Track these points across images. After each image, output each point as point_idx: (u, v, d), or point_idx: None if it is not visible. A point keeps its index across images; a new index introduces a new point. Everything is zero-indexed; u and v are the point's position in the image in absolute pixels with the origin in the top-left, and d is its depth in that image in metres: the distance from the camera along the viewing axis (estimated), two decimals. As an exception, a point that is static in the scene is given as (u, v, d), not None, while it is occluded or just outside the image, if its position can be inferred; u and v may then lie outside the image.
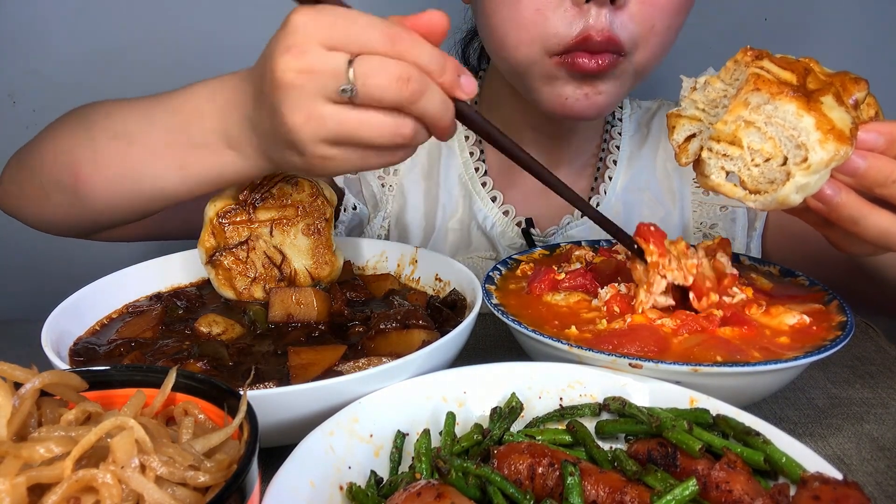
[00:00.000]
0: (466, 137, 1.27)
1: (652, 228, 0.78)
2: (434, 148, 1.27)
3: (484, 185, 1.24)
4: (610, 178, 1.25)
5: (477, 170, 1.25)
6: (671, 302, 0.77)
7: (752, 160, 0.66)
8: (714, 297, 0.77)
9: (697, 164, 0.72)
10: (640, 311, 0.77)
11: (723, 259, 0.81)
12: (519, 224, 1.23)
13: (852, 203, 0.65)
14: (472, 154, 1.26)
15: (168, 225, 1.12)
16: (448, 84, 0.65)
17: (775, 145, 0.65)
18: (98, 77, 1.69)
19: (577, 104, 0.99)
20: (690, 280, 0.76)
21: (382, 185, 1.26)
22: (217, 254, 0.88)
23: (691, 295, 0.77)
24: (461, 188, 1.25)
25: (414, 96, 0.63)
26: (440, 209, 1.25)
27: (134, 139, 0.81)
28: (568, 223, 1.22)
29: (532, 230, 1.21)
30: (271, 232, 0.90)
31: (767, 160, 0.65)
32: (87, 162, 0.84)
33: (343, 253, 0.95)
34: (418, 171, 1.26)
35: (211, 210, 0.89)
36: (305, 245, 0.91)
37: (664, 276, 0.76)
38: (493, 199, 1.24)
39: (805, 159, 0.63)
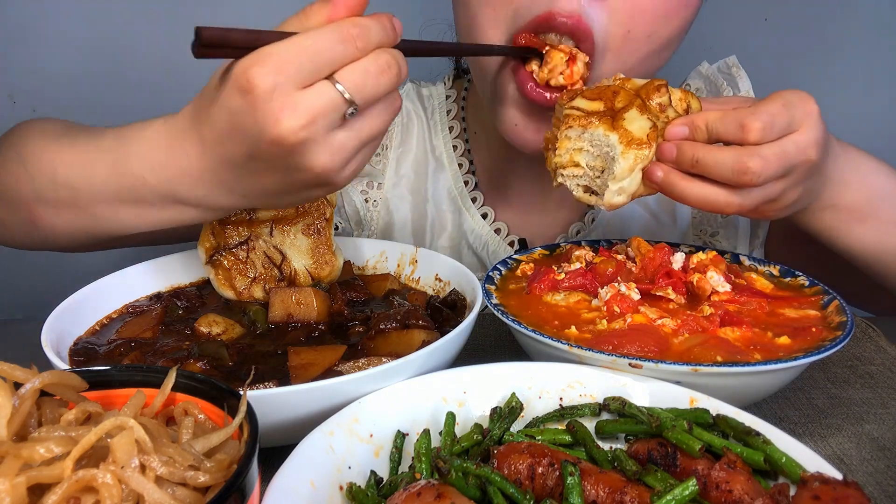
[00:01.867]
0: (455, 147, 1.21)
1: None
2: (422, 161, 1.22)
3: (474, 200, 1.20)
4: None
5: (466, 183, 1.20)
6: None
7: (593, 174, 0.82)
8: None
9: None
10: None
11: (714, 277, 0.81)
12: (511, 244, 1.19)
13: (674, 181, 0.79)
14: (460, 166, 1.21)
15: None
16: (397, 37, 0.67)
17: (603, 160, 0.80)
18: (98, 77, 1.69)
19: (525, 134, 0.94)
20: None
21: (366, 201, 1.20)
22: (217, 254, 0.88)
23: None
24: (450, 203, 1.20)
25: (399, 76, 0.65)
26: (429, 226, 1.20)
27: (79, 193, 0.77)
28: (563, 242, 1.19)
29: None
30: (271, 232, 0.90)
31: (603, 171, 0.81)
32: (33, 200, 0.81)
33: (343, 253, 0.95)
34: (404, 185, 1.21)
35: None
36: (305, 245, 0.91)
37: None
38: (484, 216, 1.19)
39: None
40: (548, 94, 0.89)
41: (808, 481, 0.52)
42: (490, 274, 0.89)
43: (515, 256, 0.96)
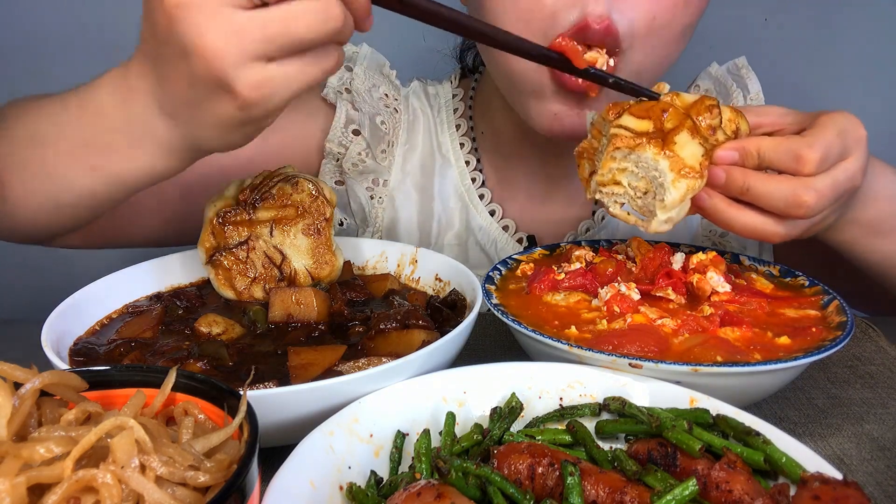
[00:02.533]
0: (462, 145, 1.21)
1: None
2: (428, 158, 1.21)
3: (482, 197, 1.19)
4: None
5: (474, 181, 1.19)
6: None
7: (635, 194, 0.80)
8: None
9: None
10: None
11: (714, 277, 0.81)
12: (520, 241, 1.18)
13: (721, 208, 0.78)
14: (468, 163, 1.19)
15: (129, 230, 1.09)
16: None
17: (647, 182, 0.78)
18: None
19: (568, 120, 0.93)
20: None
21: (371, 198, 1.19)
22: (217, 254, 0.88)
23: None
24: (458, 200, 1.19)
25: (331, 23, 0.59)
26: (435, 223, 1.19)
27: (46, 141, 0.77)
28: (572, 239, 1.16)
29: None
30: (271, 232, 0.89)
31: (645, 193, 0.79)
32: (6, 165, 0.81)
33: (343, 253, 0.95)
34: (410, 182, 1.20)
35: (210, 210, 0.89)
36: (305, 245, 0.91)
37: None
38: (492, 213, 1.18)
39: (664, 198, 0.77)
40: (580, 80, 0.88)
41: (808, 481, 0.52)
42: (490, 274, 0.89)
43: (515, 256, 0.96)
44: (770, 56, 1.68)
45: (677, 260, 0.87)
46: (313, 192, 0.91)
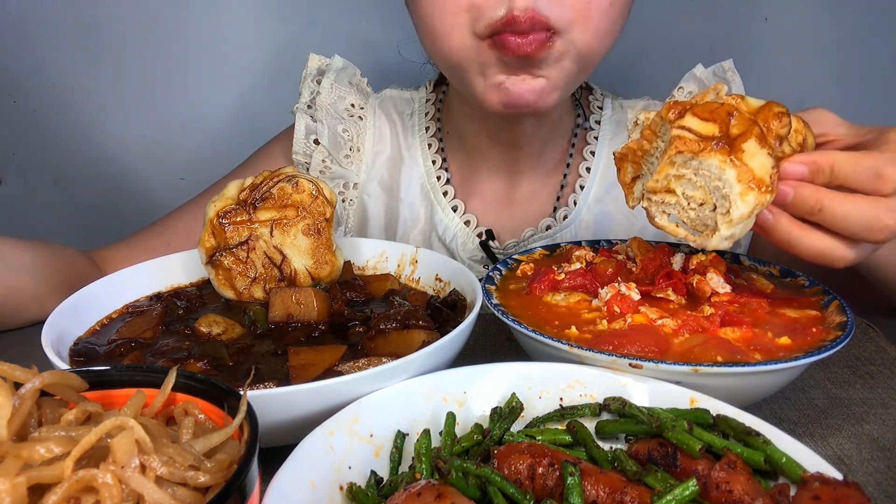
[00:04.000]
0: (429, 145, 1.26)
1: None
2: (396, 160, 1.26)
3: (445, 194, 1.23)
4: (581, 188, 1.21)
5: (439, 178, 1.24)
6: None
7: (689, 204, 0.72)
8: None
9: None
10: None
11: (714, 278, 0.81)
12: (480, 236, 1.21)
13: (786, 228, 0.71)
14: (434, 163, 1.25)
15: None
16: None
17: (706, 192, 0.71)
18: (98, 76, 1.69)
19: (515, 88, 0.95)
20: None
21: (343, 201, 1.26)
22: (217, 254, 0.88)
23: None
24: (423, 198, 1.24)
25: None
26: (401, 222, 1.24)
27: None
28: (531, 236, 1.20)
29: (492, 242, 1.20)
30: (271, 232, 0.89)
31: (701, 205, 0.72)
32: None
33: (343, 253, 0.95)
34: (377, 183, 1.26)
35: (211, 210, 0.89)
36: (305, 245, 0.91)
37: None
38: (455, 209, 1.23)
39: (728, 211, 0.69)
40: (520, 39, 0.90)
41: (809, 481, 0.52)
42: (490, 274, 0.89)
43: (516, 256, 0.96)
44: (770, 56, 1.68)
45: (677, 260, 0.87)
46: (313, 192, 0.91)
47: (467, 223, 1.22)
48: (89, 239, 1.31)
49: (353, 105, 1.27)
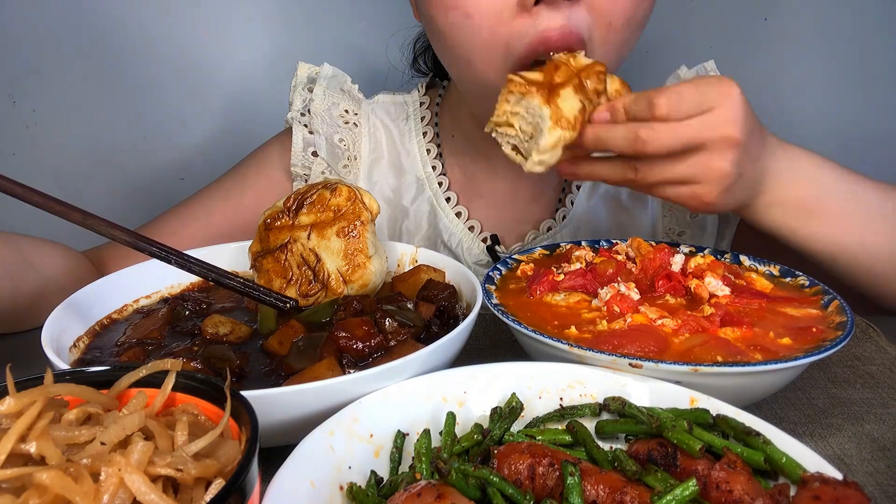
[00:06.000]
0: (428, 151, 1.25)
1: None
2: (395, 165, 1.26)
3: (448, 200, 1.23)
4: (578, 188, 1.25)
5: (440, 184, 1.24)
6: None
7: (523, 137, 0.87)
8: None
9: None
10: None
11: (712, 282, 0.81)
12: (485, 241, 1.22)
13: (583, 164, 0.88)
14: (434, 168, 1.24)
15: None
16: None
17: (534, 127, 0.85)
18: (98, 76, 1.69)
19: None
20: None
21: None
22: (260, 257, 0.91)
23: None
24: (425, 204, 1.24)
25: None
26: (405, 227, 1.24)
27: None
28: (533, 238, 1.22)
29: (497, 247, 1.21)
30: (309, 235, 0.90)
31: (532, 137, 0.86)
32: None
33: (386, 261, 0.93)
34: (377, 191, 1.25)
35: (261, 217, 0.92)
36: (338, 246, 0.90)
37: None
38: (458, 215, 1.23)
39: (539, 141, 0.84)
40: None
41: (809, 481, 0.52)
42: (490, 274, 0.89)
43: (515, 256, 0.96)
44: (770, 56, 1.68)
45: (677, 261, 0.87)
46: (351, 197, 0.91)
47: (471, 228, 1.23)
48: (89, 239, 1.31)
49: (346, 111, 1.26)
